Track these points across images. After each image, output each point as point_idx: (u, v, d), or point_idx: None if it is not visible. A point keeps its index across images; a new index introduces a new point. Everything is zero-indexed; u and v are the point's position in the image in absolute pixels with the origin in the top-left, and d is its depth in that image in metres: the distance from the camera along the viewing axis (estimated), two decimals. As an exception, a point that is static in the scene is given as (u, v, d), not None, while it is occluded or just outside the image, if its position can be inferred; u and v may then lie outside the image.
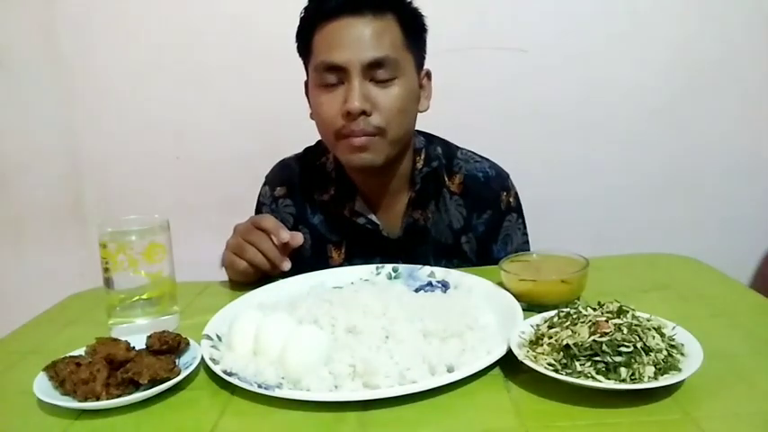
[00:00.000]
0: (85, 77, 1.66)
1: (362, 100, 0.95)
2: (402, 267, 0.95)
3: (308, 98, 1.08)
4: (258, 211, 1.18)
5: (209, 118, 1.68)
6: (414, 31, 1.02)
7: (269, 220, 0.95)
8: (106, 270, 0.79)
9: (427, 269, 0.93)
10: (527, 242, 1.14)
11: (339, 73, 0.96)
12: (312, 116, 1.06)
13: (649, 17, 1.62)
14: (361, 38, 0.95)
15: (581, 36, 1.63)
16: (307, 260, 1.09)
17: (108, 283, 0.80)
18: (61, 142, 1.70)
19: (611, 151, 1.69)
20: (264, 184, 1.18)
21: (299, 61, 1.07)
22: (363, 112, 0.96)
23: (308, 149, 1.18)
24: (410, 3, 1.02)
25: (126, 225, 0.81)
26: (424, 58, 1.07)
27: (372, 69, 0.96)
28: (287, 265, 0.94)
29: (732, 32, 1.63)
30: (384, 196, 1.10)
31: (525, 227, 1.14)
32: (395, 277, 0.94)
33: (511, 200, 1.12)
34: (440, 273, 0.92)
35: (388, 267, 0.95)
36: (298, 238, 0.96)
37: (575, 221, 1.67)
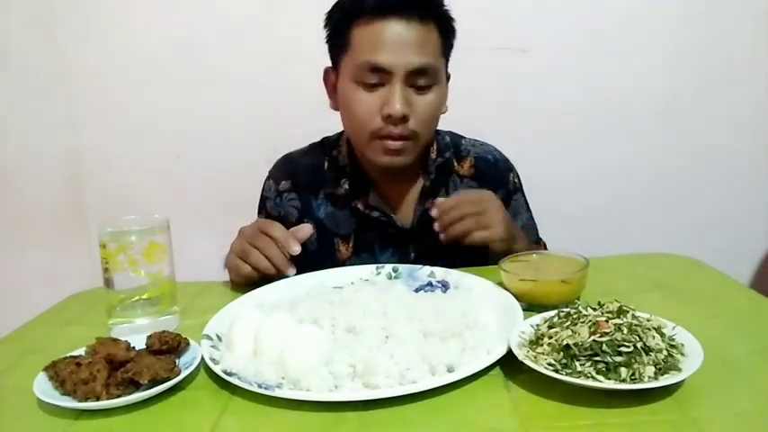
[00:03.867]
0: (85, 77, 1.66)
1: (404, 105, 0.96)
2: (402, 267, 0.95)
3: (326, 85, 1.08)
4: (262, 205, 1.18)
5: (209, 118, 1.68)
6: (448, 37, 1.03)
7: (277, 229, 0.94)
8: (106, 270, 0.79)
9: (427, 269, 0.93)
10: (531, 218, 1.19)
11: (381, 74, 0.96)
12: (333, 106, 1.06)
13: (650, 17, 1.62)
14: (408, 43, 0.96)
15: (581, 36, 1.63)
16: (313, 254, 1.09)
17: (108, 283, 0.80)
18: (61, 142, 1.70)
19: (611, 151, 1.69)
20: (268, 179, 1.18)
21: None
22: (403, 117, 0.97)
23: (314, 145, 1.19)
24: (448, 11, 1.02)
25: (126, 225, 0.81)
26: (448, 61, 1.07)
27: (414, 76, 0.97)
28: (292, 272, 0.94)
29: (733, 33, 1.63)
30: (397, 188, 1.11)
31: (527, 204, 1.19)
32: (395, 277, 0.94)
33: (516, 180, 1.18)
34: (440, 273, 0.92)
35: (388, 267, 0.95)
36: (306, 230, 0.95)
37: (575, 221, 1.67)
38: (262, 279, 0.94)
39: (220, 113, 1.68)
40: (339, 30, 1.01)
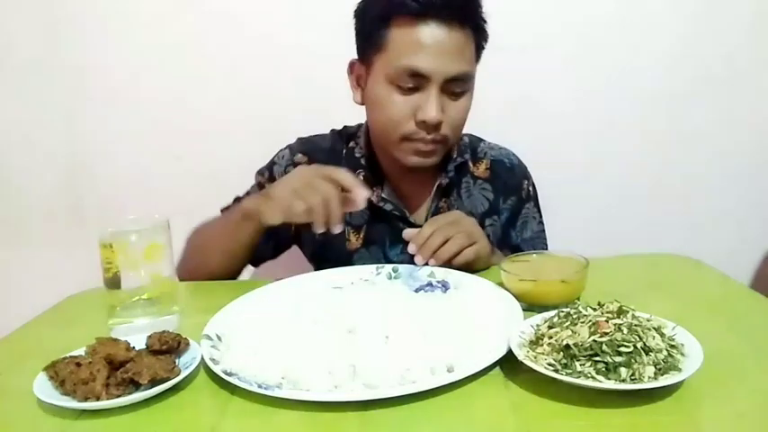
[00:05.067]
0: (85, 77, 1.66)
1: (440, 112, 0.96)
2: (402, 267, 0.95)
3: (350, 78, 1.07)
4: (268, 169, 1.15)
5: (210, 118, 1.67)
6: (481, 43, 1.03)
7: (347, 175, 0.89)
8: (106, 270, 0.79)
9: (427, 269, 0.93)
10: (543, 230, 1.18)
11: (418, 79, 0.96)
12: (357, 100, 1.06)
13: (649, 17, 1.62)
14: (448, 50, 0.95)
15: (581, 36, 1.62)
16: (323, 241, 1.07)
17: (108, 283, 0.80)
18: (61, 142, 1.69)
19: (610, 151, 1.69)
20: (285, 149, 1.16)
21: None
22: (438, 123, 0.97)
23: (334, 132, 1.18)
24: (484, 14, 1.02)
25: (126, 225, 0.81)
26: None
27: (451, 83, 0.97)
28: (339, 229, 0.88)
29: (732, 32, 1.63)
30: (412, 184, 1.11)
31: (541, 215, 1.19)
32: (395, 277, 0.94)
33: (530, 189, 1.17)
34: (440, 273, 0.92)
35: (388, 267, 0.95)
36: (365, 194, 0.89)
37: (575, 221, 1.67)
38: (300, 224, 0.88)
39: (221, 114, 1.67)
40: (374, 27, 0.99)
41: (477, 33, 1.00)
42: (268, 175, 1.14)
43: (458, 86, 0.98)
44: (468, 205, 1.11)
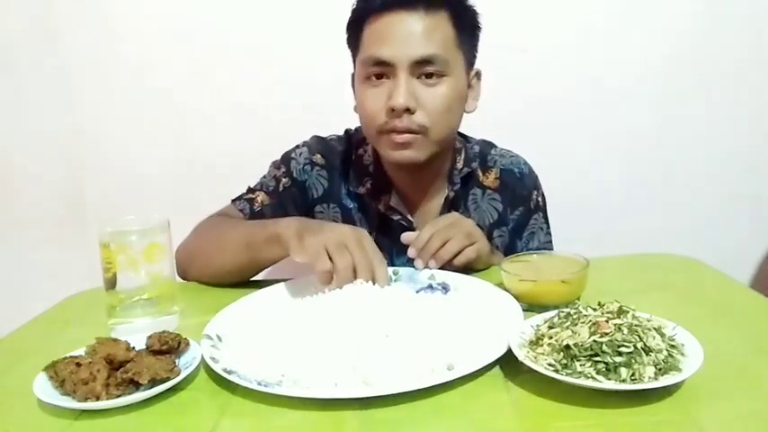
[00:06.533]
0: (85, 77, 1.66)
1: (408, 97, 0.94)
2: (402, 270, 0.94)
3: (353, 90, 1.07)
4: (285, 162, 1.12)
5: (209, 118, 1.68)
6: (467, 28, 1.01)
7: (384, 271, 0.84)
8: (106, 270, 0.79)
9: (427, 272, 0.93)
10: (550, 241, 1.17)
11: (386, 68, 0.96)
12: (356, 109, 1.06)
13: (650, 16, 1.62)
14: (411, 34, 0.94)
15: (581, 36, 1.62)
16: None
17: (108, 283, 0.80)
18: (61, 143, 1.69)
19: (610, 151, 1.69)
20: (300, 146, 1.14)
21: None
22: (408, 110, 0.95)
23: (347, 134, 1.16)
24: (465, 0, 1.01)
25: (126, 225, 0.81)
26: (475, 57, 1.06)
27: (420, 67, 0.95)
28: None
29: (733, 31, 1.63)
30: (419, 194, 1.10)
31: (549, 227, 1.17)
32: (395, 279, 0.93)
33: (539, 199, 1.15)
34: (440, 275, 0.92)
35: (389, 270, 0.95)
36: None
37: (575, 221, 1.67)
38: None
39: (221, 114, 1.67)
40: (354, 32, 1.01)
41: (456, 18, 0.98)
42: (284, 170, 1.12)
43: (430, 71, 0.96)
44: (476, 217, 1.09)
